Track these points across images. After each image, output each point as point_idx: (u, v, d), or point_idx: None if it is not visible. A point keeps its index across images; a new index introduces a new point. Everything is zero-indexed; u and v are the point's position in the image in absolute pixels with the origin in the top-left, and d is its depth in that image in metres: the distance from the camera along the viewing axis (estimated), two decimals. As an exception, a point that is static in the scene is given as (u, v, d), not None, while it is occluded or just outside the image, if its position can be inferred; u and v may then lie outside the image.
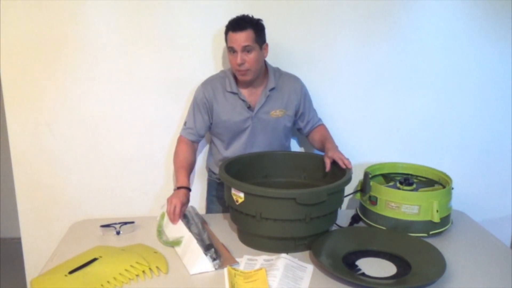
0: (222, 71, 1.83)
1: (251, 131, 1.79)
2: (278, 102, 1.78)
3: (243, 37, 1.63)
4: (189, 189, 1.71)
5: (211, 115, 1.79)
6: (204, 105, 1.78)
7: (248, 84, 1.76)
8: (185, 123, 1.84)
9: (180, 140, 1.83)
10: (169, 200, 1.63)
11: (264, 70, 1.79)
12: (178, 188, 1.68)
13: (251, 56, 1.65)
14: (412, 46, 1.95)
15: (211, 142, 1.93)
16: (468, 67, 1.98)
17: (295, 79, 1.84)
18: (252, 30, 1.64)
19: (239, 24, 1.64)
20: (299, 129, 1.92)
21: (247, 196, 1.46)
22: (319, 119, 1.91)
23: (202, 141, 1.93)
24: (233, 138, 1.81)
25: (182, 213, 1.64)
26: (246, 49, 1.64)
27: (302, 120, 1.87)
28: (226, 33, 1.68)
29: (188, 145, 1.81)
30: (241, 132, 1.79)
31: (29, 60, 1.83)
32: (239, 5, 1.81)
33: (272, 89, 1.77)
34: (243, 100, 1.76)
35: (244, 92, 1.77)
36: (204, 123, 1.81)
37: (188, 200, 1.69)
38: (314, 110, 1.90)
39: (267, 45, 1.73)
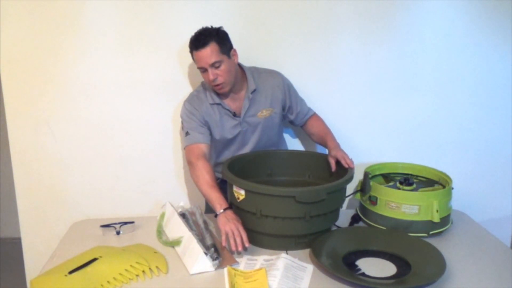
0: (200, 85, 1.78)
1: (243, 135, 1.77)
2: (262, 102, 1.76)
3: (207, 54, 1.58)
4: (231, 207, 1.56)
5: (207, 125, 1.74)
6: (196, 114, 1.72)
7: (229, 93, 1.73)
8: (186, 133, 1.71)
9: (190, 152, 1.68)
10: (224, 228, 1.46)
11: (241, 74, 1.75)
12: (224, 210, 1.52)
13: (222, 69, 1.62)
14: (412, 46, 1.94)
15: None
16: (468, 67, 1.98)
17: (275, 75, 1.80)
18: (214, 43, 1.59)
19: (200, 40, 1.60)
20: (291, 122, 1.90)
21: (247, 193, 1.47)
22: (309, 109, 1.88)
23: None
24: (227, 144, 1.79)
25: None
26: (215, 65, 1.61)
27: (291, 112, 1.85)
28: (191, 52, 1.64)
29: (204, 158, 1.66)
30: (233, 138, 1.78)
31: (29, 60, 1.83)
32: (237, 5, 1.81)
33: (254, 91, 1.74)
34: (227, 110, 1.73)
35: (227, 101, 1.74)
36: (204, 125, 1.73)
37: (238, 217, 1.52)
38: (302, 100, 1.87)
39: (234, 50, 1.67)
